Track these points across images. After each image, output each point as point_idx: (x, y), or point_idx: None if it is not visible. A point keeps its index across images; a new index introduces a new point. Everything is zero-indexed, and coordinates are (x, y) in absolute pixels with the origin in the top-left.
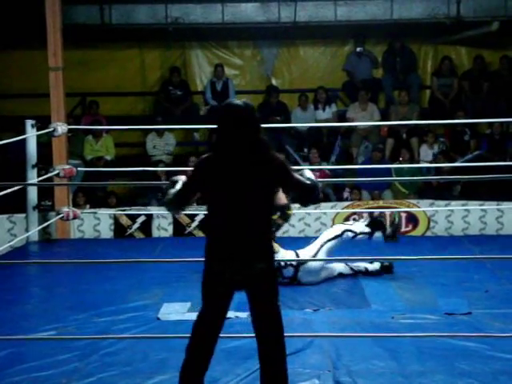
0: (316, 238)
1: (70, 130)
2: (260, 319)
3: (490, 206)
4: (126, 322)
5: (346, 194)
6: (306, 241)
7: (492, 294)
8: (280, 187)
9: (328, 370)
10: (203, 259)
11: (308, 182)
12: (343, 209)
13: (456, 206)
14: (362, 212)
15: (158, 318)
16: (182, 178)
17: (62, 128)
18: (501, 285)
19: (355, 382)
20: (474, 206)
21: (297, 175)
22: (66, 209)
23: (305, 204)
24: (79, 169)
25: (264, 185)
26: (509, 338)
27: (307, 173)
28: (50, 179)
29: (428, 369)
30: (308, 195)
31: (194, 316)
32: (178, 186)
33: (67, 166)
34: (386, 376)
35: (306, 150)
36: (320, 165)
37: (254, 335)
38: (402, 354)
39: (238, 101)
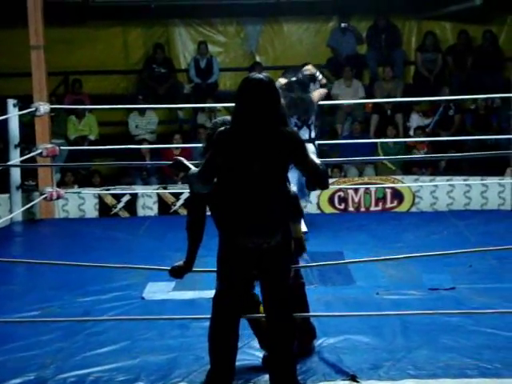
0: None
1: (52, 110)
2: (269, 297)
3: (475, 181)
4: (110, 302)
5: (329, 171)
6: None
7: (476, 269)
8: (293, 162)
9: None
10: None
11: (321, 166)
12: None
13: (441, 181)
14: (348, 188)
15: (143, 298)
16: (182, 159)
17: (44, 107)
18: (484, 260)
19: (340, 359)
20: (459, 182)
21: (312, 156)
22: (49, 189)
23: (314, 188)
24: (62, 148)
25: (280, 159)
26: (492, 313)
27: (315, 159)
28: (33, 159)
29: (412, 344)
30: (321, 179)
31: (178, 295)
32: (192, 166)
33: (50, 146)
34: (371, 352)
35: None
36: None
37: None
38: (387, 329)
39: (259, 75)
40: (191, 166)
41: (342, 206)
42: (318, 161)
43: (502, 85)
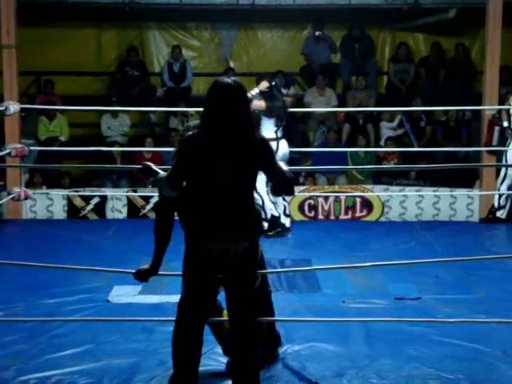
0: None
1: (22, 110)
2: (233, 303)
3: (444, 193)
4: (75, 304)
5: (301, 179)
6: None
7: (442, 279)
8: (261, 168)
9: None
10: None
11: (288, 173)
12: (299, 193)
13: (410, 191)
14: (318, 196)
15: (108, 301)
16: (150, 165)
17: (14, 107)
18: (450, 270)
19: (303, 366)
20: (428, 192)
21: (279, 163)
22: (17, 189)
23: (280, 193)
24: (31, 148)
25: (249, 165)
26: (456, 323)
27: (283, 166)
28: (1, 158)
29: (376, 353)
30: (287, 186)
31: (144, 299)
32: (160, 171)
33: (19, 146)
34: (334, 360)
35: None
36: None
37: None
38: (351, 337)
39: (228, 79)
40: (159, 171)
41: (312, 214)
42: (285, 167)
43: (472, 97)
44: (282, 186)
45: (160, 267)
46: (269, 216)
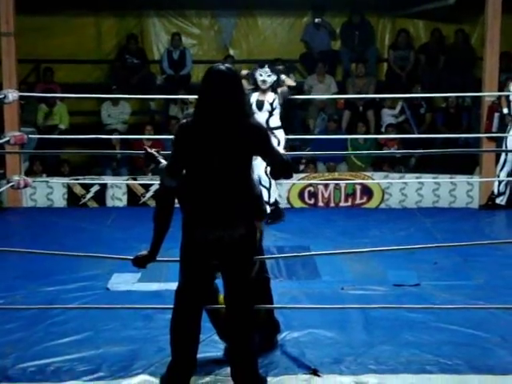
0: None
1: (21, 98)
2: (230, 289)
3: (444, 179)
4: (75, 292)
5: (301, 167)
6: None
7: (440, 266)
8: (258, 154)
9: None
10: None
11: (285, 156)
12: (299, 180)
13: (410, 178)
14: (318, 183)
15: (108, 288)
16: (154, 153)
17: (12, 95)
18: (449, 257)
19: (302, 353)
20: (428, 179)
21: (276, 147)
22: (16, 177)
23: (278, 177)
24: (31, 136)
25: (244, 151)
26: (454, 310)
27: (280, 150)
28: (0, 146)
29: (374, 339)
30: (284, 169)
31: (143, 286)
32: (163, 160)
33: (17, 133)
34: (333, 346)
35: None
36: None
37: None
38: (350, 324)
39: (222, 66)
40: (161, 160)
41: (312, 201)
42: (282, 151)
43: (472, 84)
44: (280, 169)
45: (158, 254)
46: (272, 200)
